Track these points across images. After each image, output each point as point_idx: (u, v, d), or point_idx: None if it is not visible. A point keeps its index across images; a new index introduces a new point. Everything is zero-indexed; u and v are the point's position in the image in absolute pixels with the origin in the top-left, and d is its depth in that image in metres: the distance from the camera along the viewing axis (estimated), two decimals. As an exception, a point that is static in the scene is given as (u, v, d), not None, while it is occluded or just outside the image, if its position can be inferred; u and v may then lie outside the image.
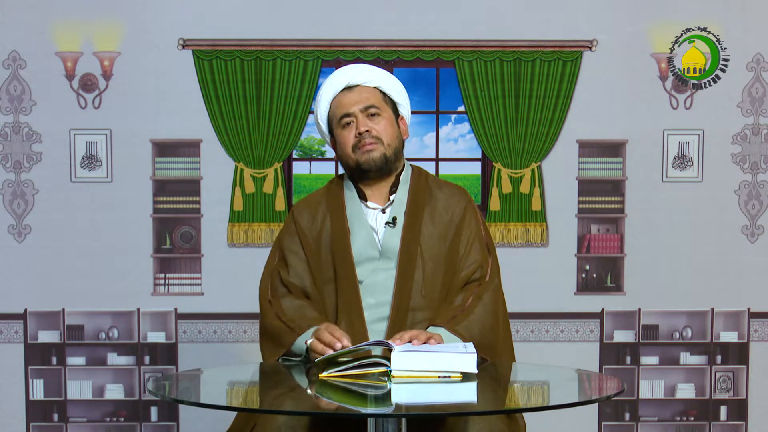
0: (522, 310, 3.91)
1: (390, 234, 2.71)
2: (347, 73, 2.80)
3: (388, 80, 2.82)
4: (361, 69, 2.82)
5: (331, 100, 2.79)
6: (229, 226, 3.96)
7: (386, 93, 2.80)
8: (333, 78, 2.80)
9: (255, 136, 3.93)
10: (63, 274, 3.93)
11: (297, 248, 2.78)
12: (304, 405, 2.28)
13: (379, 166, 2.73)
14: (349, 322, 2.65)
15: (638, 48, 3.93)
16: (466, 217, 2.77)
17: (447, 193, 2.81)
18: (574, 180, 3.98)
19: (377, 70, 2.83)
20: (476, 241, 2.76)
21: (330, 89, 2.78)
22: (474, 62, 3.92)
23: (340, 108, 2.76)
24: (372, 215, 2.76)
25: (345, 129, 2.75)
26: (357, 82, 2.77)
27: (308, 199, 2.87)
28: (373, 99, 2.76)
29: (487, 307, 2.68)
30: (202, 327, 3.97)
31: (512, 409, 2.41)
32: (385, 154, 2.73)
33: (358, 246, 2.71)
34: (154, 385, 2.35)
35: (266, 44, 3.90)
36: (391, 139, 2.75)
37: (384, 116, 2.75)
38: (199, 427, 3.95)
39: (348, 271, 2.69)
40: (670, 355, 4.02)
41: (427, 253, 2.70)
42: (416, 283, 2.69)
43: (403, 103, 2.84)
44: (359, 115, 2.73)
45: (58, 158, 3.92)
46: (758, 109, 3.97)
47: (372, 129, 2.72)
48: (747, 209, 3.99)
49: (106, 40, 3.89)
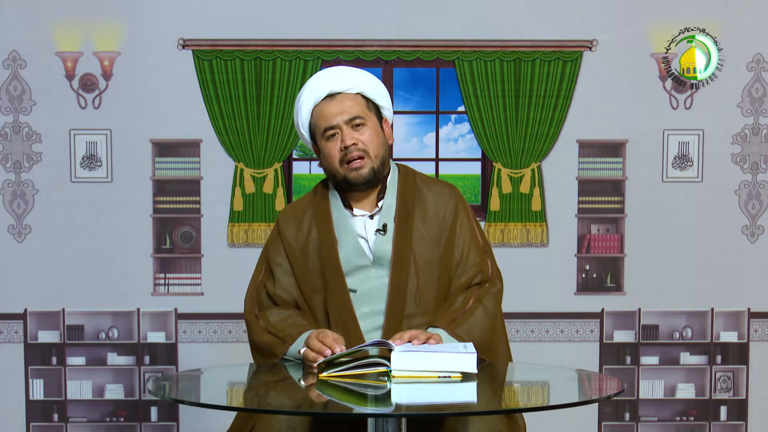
0: (522, 310, 3.91)
1: (381, 241, 2.67)
2: (328, 80, 2.68)
3: (370, 84, 2.71)
4: (342, 75, 2.70)
5: (312, 108, 2.69)
6: (229, 226, 3.96)
7: (369, 98, 2.71)
8: (313, 85, 2.69)
9: (255, 136, 3.93)
10: (63, 274, 3.93)
11: (282, 260, 2.74)
12: (304, 405, 2.28)
13: (368, 180, 2.67)
14: (345, 332, 2.62)
15: (638, 48, 3.93)
16: (458, 219, 2.72)
17: (436, 192, 2.75)
18: (574, 180, 3.98)
19: (358, 74, 2.72)
20: (472, 244, 2.72)
21: (311, 97, 2.68)
22: (474, 62, 3.92)
23: (323, 119, 2.67)
24: (360, 223, 2.71)
25: (330, 141, 2.67)
26: (339, 89, 2.66)
27: (293, 207, 2.82)
28: (357, 108, 2.67)
29: (488, 311, 2.66)
30: (202, 327, 3.97)
31: (512, 409, 2.41)
32: (373, 167, 2.66)
33: (346, 255, 2.67)
34: (154, 385, 2.35)
35: (266, 44, 3.90)
36: (378, 149, 2.67)
37: (369, 125, 2.67)
38: (199, 427, 3.96)
39: (338, 280, 2.66)
40: (670, 355, 4.02)
41: (420, 258, 2.67)
42: (410, 290, 2.65)
43: (386, 105, 2.75)
44: (344, 127, 2.65)
45: (58, 158, 3.92)
46: (758, 109, 3.97)
47: (358, 141, 2.64)
48: (747, 209, 3.99)
49: (106, 40, 3.89)
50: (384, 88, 2.76)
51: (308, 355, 2.50)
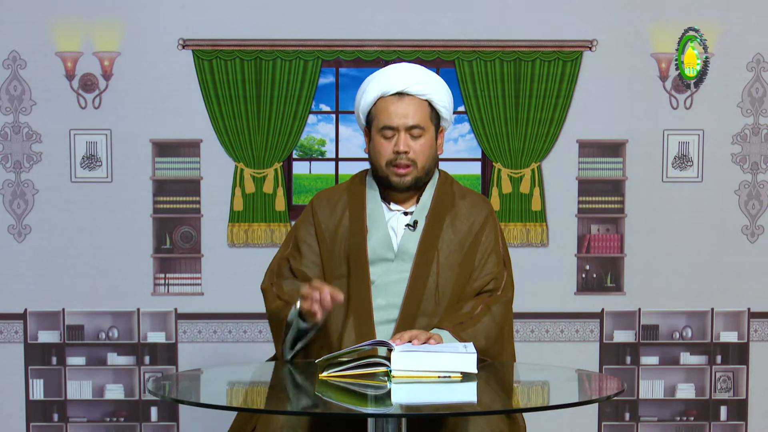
0: (522, 310, 3.90)
1: (408, 237, 2.71)
2: (403, 77, 2.69)
3: (440, 93, 2.73)
4: (417, 77, 2.71)
5: (377, 97, 2.70)
6: (229, 226, 3.96)
7: (434, 107, 2.72)
8: (386, 77, 2.71)
9: (255, 136, 3.93)
10: (63, 274, 3.93)
11: (311, 240, 2.76)
12: (304, 405, 2.28)
13: (409, 187, 2.71)
14: (358, 321, 2.64)
15: (638, 48, 3.93)
16: (486, 229, 2.76)
17: (470, 201, 2.79)
18: (574, 180, 3.98)
19: (432, 79, 2.73)
20: (493, 253, 2.75)
21: (379, 88, 2.69)
22: (474, 62, 3.92)
23: (385, 116, 2.68)
24: (394, 216, 2.74)
25: (384, 138, 2.69)
26: (411, 91, 2.68)
27: (330, 191, 2.85)
28: (420, 116, 2.68)
29: (496, 319, 2.68)
30: (202, 327, 3.97)
31: (512, 409, 2.41)
32: (417, 176, 2.70)
33: (373, 246, 2.70)
34: (154, 385, 2.36)
35: (266, 44, 3.90)
36: (426, 161, 2.71)
37: (426, 135, 2.70)
38: (199, 427, 3.95)
39: (362, 270, 2.68)
40: (670, 355, 4.02)
41: (444, 259, 2.70)
42: (429, 289, 2.68)
43: (448, 118, 2.77)
44: (402, 132, 2.67)
45: (58, 158, 3.92)
46: (758, 109, 3.97)
47: (410, 150, 2.67)
48: (747, 209, 3.99)
49: (106, 40, 3.89)
50: (450, 99, 2.77)
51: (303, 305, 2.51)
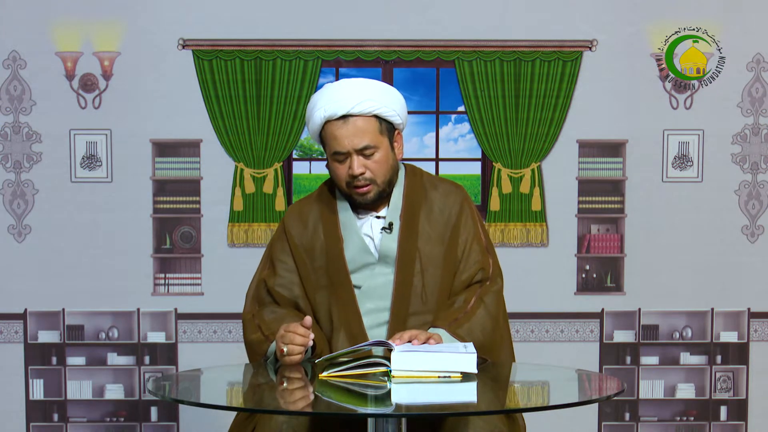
0: (522, 310, 3.91)
1: (387, 239, 2.68)
2: (345, 100, 2.60)
3: (386, 104, 2.64)
4: (359, 96, 2.61)
5: (323, 122, 2.62)
6: (229, 226, 3.96)
7: (384, 118, 2.65)
8: (329, 101, 2.62)
9: (255, 136, 3.93)
10: (63, 274, 3.93)
11: (286, 257, 2.74)
12: (304, 405, 2.28)
13: (373, 201, 2.68)
14: (348, 330, 2.63)
15: (638, 48, 3.93)
16: (462, 217, 2.73)
17: (442, 192, 2.75)
18: (574, 180, 3.98)
19: (375, 92, 2.64)
20: (475, 242, 2.73)
21: (323, 113, 2.61)
22: (474, 62, 3.92)
23: (334, 141, 2.61)
24: (367, 222, 2.72)
25: (338, 162, 2.63)
26: (355, 112, 2.60)
27: (299, 205, 2.82)
28: (369, 135, 2.60)
29: (489, 310, 2.66)
30: (202, 327, 3.97)
31: (512, 409, 2.41)
32: (380, 191, 2.66)
33: (352, 254, 2.68)
34: (154, 385, 2.35)
35: (266, 44, 3.90)
36: (385, 174, 2.65)
37: (380, 151, 2.63)
38: (199, 427, 3.95)
39: (343, 278, 2.67)
40: (670, 355, 4.02)
41: (425, 256, 2.68)
42: (415, 288, 2.67)
43: (401, 121, 2.69)
44: (354, 155, 2.61)
45: (58, 158, 3.92)
46: (758, 109, 3.97)
47: (366, 170, 2.62)
48: (747, 209, 3.99)
49: (106, 40, 3.89)
50: (399, 101, 2.69)
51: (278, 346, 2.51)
